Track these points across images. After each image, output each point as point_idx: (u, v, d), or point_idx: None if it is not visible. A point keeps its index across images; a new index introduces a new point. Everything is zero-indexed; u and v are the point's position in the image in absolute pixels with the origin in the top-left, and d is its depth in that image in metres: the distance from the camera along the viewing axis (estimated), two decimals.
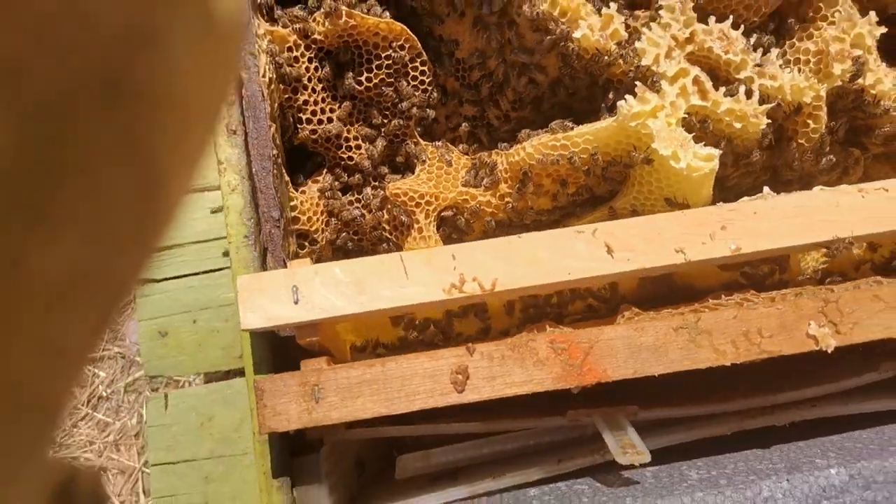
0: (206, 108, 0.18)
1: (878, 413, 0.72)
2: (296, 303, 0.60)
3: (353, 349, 0.79)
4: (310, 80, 0.80)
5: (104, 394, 1.55)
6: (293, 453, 0.66)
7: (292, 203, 0.81)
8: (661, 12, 0.70)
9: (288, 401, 0.59)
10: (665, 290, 0.73)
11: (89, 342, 0.17)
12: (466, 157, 0.86)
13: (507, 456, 0.74)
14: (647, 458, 0.62)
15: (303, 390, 0.59)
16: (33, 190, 0.14)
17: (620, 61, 0.71)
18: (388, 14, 0.78)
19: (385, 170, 0.87)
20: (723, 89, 0.69)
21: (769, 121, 0.69)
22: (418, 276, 0.61)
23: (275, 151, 0.72)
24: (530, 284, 0.61)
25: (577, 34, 0.70)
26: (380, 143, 0.86)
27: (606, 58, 0.71)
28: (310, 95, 0.82)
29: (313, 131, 0.82)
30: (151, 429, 1.08)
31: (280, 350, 0.67)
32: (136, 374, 1.55)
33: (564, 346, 0.61)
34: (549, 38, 0.71)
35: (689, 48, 0.70)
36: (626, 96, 0.67)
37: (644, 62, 0.69)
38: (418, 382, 0.60)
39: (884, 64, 0.73)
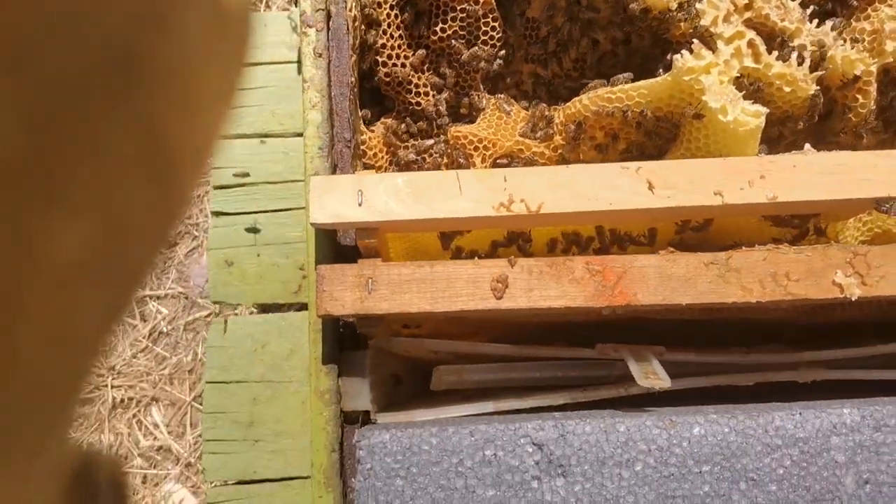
0: (217, 94, 0.18)
1: None
2: (359, 205, 0.66)
3: None
4: (389, 25, 0.88)
5: (165, 329, 1.66)
6: (341, 349, 0.72)
7: (362, 137, 0.88)
8: None
9: (344, 288, 0.65)
10: (702, 244, 0.77)
11: (101, 329, 0.17)
12: (526, 110, 0.91)
13: (536, 384, 0.78)
14: (668, 384, 0.65)
15: (358, 281, 0.65)
16: (45, 173, 0.14)
17: (681, 22, 0.76)
18: None
19: (448, 120, 0.94)
20: (776, 53, 0.73)
21: (818, 87, 0.73)
22: (471, 192, 0.67)
23: (353, 79, 0.79)
24: (573, 210, 0.66)
25: None
26: (446, 92, 0.92)
27: (668, 16, 0.76)
28: (388, 40, 0.89)
29: (387, 74, 0.90)
30: (210, 349, 1.17)
31: (340, 256, 0.74)
32: (196, 314, 1.65)
33: (599, 268, 0.66)
34: None
35: (747, 14, 0.74)
36: (682, 51, 0.72)
37: (703, 23, 0.74)
38: (461, 286, 0.65)
39: None
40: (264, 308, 1.17)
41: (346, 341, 0.75)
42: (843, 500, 0.59)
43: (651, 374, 0.67)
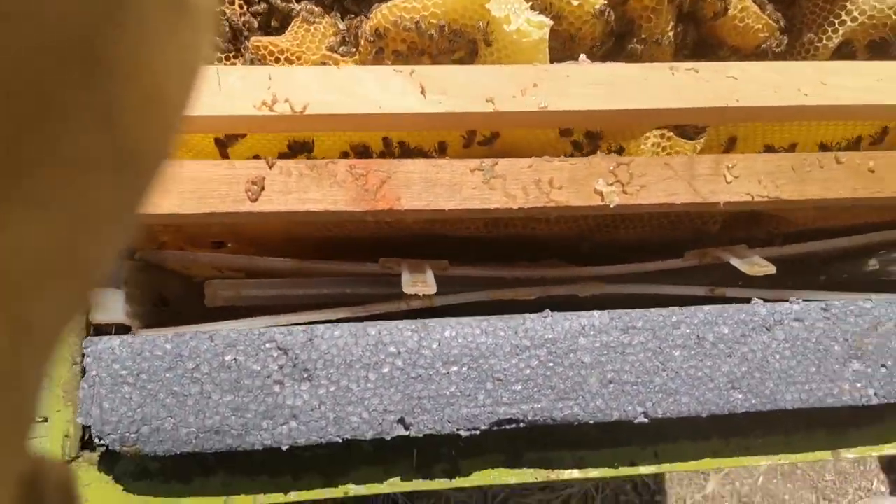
0: (177, 84, 0.18)
1: (679, 297, 0.76)
2: None
3: None
4: None
5: None
6: None
7: None
8: None
9: None
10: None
11: (63, 322, 0.17)
12: (334, 25, 0.87)
13: (322, 301, 0.76)
14: (433, 290, 0.64)
15: None
16: (6, 166, 0.14)
17: None
18: None
19: (260, 34, 0.89)
20: None
21: (606, 3, 0.72)
22: (232, 89, 0.62)
23: None
24: (340, 112, 0.63)
25: None
26: (259, 4, 0.87)
27: None
28: None
29: None
30: None
31: None
32: None
33: (363, 171, 0.63)
34: None
35: None
36: None
37: None
38: (213, 187, 0.61)
39: None
40: None
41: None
42: (587, 399, 0.59)
43: (419, 283, 0.65)
